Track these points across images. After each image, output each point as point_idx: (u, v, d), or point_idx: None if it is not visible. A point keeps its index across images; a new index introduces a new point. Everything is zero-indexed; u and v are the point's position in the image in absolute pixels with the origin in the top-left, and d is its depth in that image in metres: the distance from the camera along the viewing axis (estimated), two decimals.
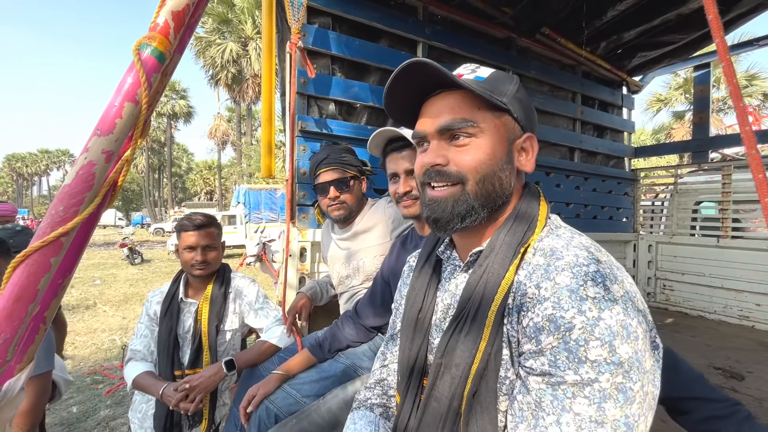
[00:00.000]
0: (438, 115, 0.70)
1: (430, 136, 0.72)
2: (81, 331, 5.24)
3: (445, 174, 0.70)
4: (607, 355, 0.51)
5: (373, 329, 1.43)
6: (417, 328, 0.80)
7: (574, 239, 0.64)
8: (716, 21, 0.85)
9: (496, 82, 0.71)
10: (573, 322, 0.53)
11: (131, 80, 0.83)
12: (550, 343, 0.54)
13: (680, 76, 24.12)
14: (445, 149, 0.70)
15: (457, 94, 0.70)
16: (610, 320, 0.52)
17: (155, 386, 1.48)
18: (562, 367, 0.53)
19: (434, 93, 0.73)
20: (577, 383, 0.52)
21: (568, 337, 0.53)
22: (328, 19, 2.18)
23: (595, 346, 0.51)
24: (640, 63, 3.59)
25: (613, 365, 0.51)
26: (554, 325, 0.54)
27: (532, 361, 0.57)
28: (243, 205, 14.85)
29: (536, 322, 0.56)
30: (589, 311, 0.53)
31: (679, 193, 3.68)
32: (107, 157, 0.79)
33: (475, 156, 0.68)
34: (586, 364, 0.52)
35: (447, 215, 0.70)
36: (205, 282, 1.69)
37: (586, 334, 0.52)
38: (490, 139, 0.69)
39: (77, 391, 3.52)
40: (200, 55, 23.46)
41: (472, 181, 0.68)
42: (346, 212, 1.63)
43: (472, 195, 0.68)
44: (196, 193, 47.40)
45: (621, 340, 0.52)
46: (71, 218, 0.74)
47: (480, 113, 0.69)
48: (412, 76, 0.69)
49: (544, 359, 0.55)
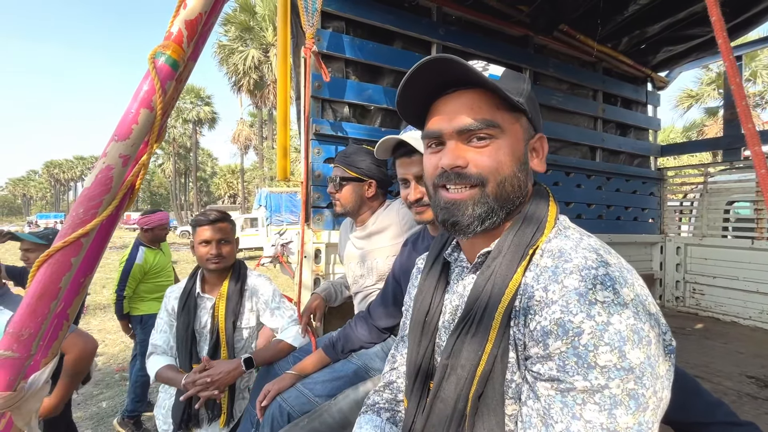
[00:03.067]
0: (456, 115, 0.67)
1: (446, 136, 0.69)
2: (111, 330, 5.46)
3: (464, 176, 0.67)
4: (617, 361, 0.49)
5: (385, 330, 1.43)
6: (424, 330, 0.80)
7: (582, 240, 0.63)
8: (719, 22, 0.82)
9: (511, 81, 0.69)
10: (582, 327, 0.51)
11: (147, 87, 0.87)
12: (559, 347, 0.53)
13: (713, 71, 23.06)
14: (464, 150, 0.68)
15: (474, 93, 0.67)
16: (620, 325, 0.51)
17: (177, 378, 1.53)
18: (571, 373, 0.52)
19: (448, 91, 0.70)
20: (587, 389, 0.51)
21: (577, 342, 0.51)
22: (342, 23, 2.21)
23: (605, 352, 0.50)
24: (666, 58, 3.46)
25: (623, 371, 0.50)
26: (562, 329, 0.53)
27: (539, 365, 0.56)
28: (265, 208, 15.14)
29: (544, 326, 0.55)
30: (598, 315, 0.51)
31: (709, 192, 3.51)
32: (124, 162, 0.83)
33: (496, 157, 0.66)
34: (595, 370, 0.50)
35: (467, 218, 0.67)
36: (220, 277, 1.73)
37: (596, 339, 0.50)
38: (509, 140, 0.67)
39: (107, 387, 3.67)
40: (224, 63, 24.15)
41: (492, 183, 0.66)
42: (340, 210, 1.69)
43: (492, 196, 0.67)
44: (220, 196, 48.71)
45: (632, 345, 0.50)
46: (90, 220, 0.78)
47: (499, 114, 0.67)
48: (430, 72, 0.67)
49: (552, 364, 0.54)
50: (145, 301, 3.03)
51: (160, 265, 3.09)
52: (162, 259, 3.13)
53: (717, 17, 0.82)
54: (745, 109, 0.79)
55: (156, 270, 3.05)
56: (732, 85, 0.81)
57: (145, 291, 3.03)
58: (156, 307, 2.99)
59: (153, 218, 3.06)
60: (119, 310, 2.94)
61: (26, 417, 0.76)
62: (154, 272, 3.04)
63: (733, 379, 2.02)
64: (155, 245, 3.11)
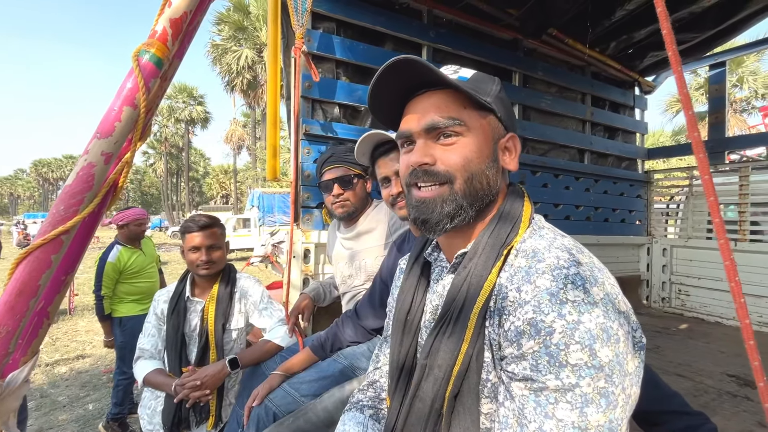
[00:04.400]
0: (424, 114, 0.69)
1: (416, 135, 0.71)
2: (99, 331, 5.37)
3: (432, 173, 0.69)
4: (587, 359, 0.51)
5: (372, 331, 1.44)
6: (406, 330, 0.80)
7: (556, 240, 0.64)
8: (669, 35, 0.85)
9: (480, 83, 0.71)
10: (553, 326, 0.52)
11: (130, 85, 0.87)
12: (532, 347, 0.54)
13: (701, 76, 23.45)
14: (431, 148, 0.69)
15: (442, 94, 0.69)
16: (590, 323, 0.52)
17: (167, 383, 1.53)
18: (544, 372, 0.53)
19: (419, 93, 0.72)
20: (558, 389, 0.51)
21: (549, 341, 0.52)
22: (332, 24, 2.21)
23: (576, 350, 0.51)
24: (653, 63, 3.52)
25: (593, 369, 0.51)
26: (535, 329, 0.54)
27: (513, 365, 0.57)
28: (257, 209, 15.06)
29: (517, 326, 0.56)
30: (569, 315, 0.52)
31: (694, 195, 3.58)
32: (107, 159, 0.83)
33: (463, 154, 0.68)
34: (566, 368, 0.51)
35: (436, 216, 0.69)
36: (211, 281, 1.73)
37: (567, 338, 0.51)
38: (476, 138, 0.69)
39: (93, 389, 3.62)
40: (217, 62, 24.00)
41: (460, 179, 0.68)
42: (350, 210, 1.65)
43: (460, 194, 0.68)
44: (212, 196, 48.33)
45: (601, 344, 0.51)
46: (71, 217, 0.78)
47: (466, 112, 0.69)
48: (398, 74, 0.69)
49: (525, 363, 0.55)
50: (123, 302, 2.93)
51: (138, 264, 2.96)
52: (141, 259, 3.00)
53: (667, 30, 0.85)
54: (691, 119, 0.82)
55: (132, 270, 2.92)
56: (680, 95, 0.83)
57: (124, 292, 2.92)
58: (135, 309, 2.93)
59: (128, 213, 2.95)
60: (99, 310, 2.83)
61: (3, 416, 0.76)
62: (130, 272, 2.92)
63: (714, 378, 2.06)
64: (134, 244, 2.99)
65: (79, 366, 4.19)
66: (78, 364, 4.25)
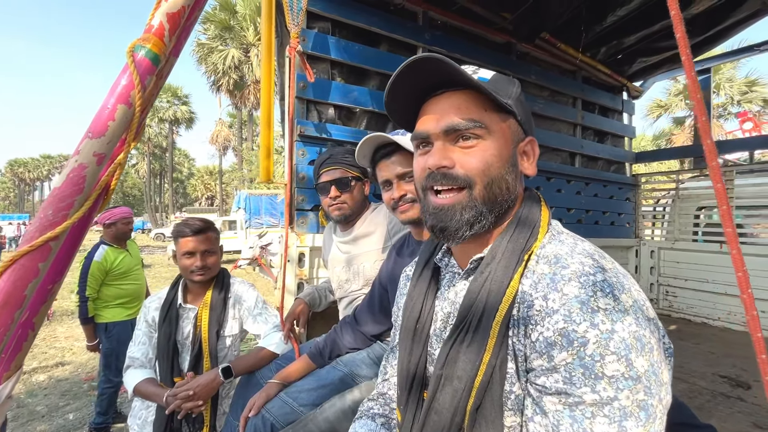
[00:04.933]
0: (443, 115, 0.67)
1: (434, 137, 0.68)
2: (80, 337, 5.20)
3: (451, 177, 0.66)
4: (624, 370, 0.49)
5: (372, 337, 1.40)
6: (415, 339, 0.77)
7: (577, 246, 0.62)
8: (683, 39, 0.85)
9: (500, 84, 0.69)
10: (587, 336, 0.50)
11: (125, 82, 0.82)
12: (564, 359, 0.52)
13: (680, 82, 24.16)
14: (450, 151, 0.67)
15: (462, 94, 0.67)
16: (624, 332, 0.50)
17: (158, 394, 1.47)
18: (578, 385, 0.50)
19: (437, 92, 0.69)
20: (596, 402, 0.49)
21: (583, 352, 0.50)
22: (327, 23, 2.18)
23: (612, 361, 0.49)
24: (641, 68, 3.59)
25: (631, 380, 0.49)
26: (567, 339, 0.51)
27: (544, 378, 0.54)
28: (244, 211, 14.85)
29: (547, 337, 0.54)
30: (602, 324, 0.50)
31: (680, 198, 3.65)
32: (99, 160, 0.78)
33: (483, 158, 0.65)
34: (603, 381, 0.49)
35: (455, 223, 0.66)
36: (204, 287, 1.68)
37: (602, 348, 0.49)
38: (497, 141, 0.66)
39: (74, 397, 3.48)
40: (202, 62, 23.64)
41: (480, 184, 0.65)
42: (347, 213, 1.61)
43: (480, 200, 0.65)
44: (197, 198, 47.47)
45: (636, 353, 0.50)
46: (60, 222, 0.73)
47: (487, 114, 0.66)
48: (419, 73, 0.66)
49: (558, 376, 0.52)
50: (109, 307, 2.81)
51: (125, 265, 2.87)
52: (127, 260, 2.91)
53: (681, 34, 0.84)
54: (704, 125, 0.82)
55: (119, 270, 2.83)
56: (693, 100, 0.83)
57: (109, 295, 2.80)
58: (122, 314, 2.82)
59: (115, 212, 2.87)
60: (83, 313, 2.70)
61: None
62: (117, 273, 2.82)
63: (707, 379, 2.09)
64: (120, 244, 2.91)
65: (59, 374, 4.03)
66: (57, 371, 4.09)
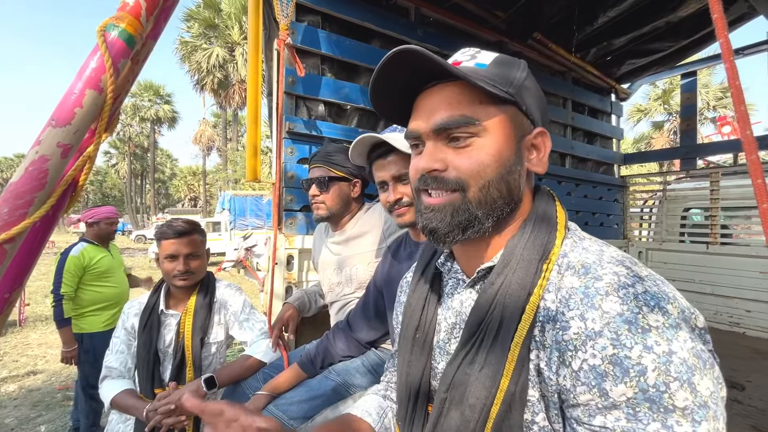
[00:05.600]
0: (433, 113, 0.60)
1: (425, 137, 0.61)
2: (54, 344, 4.97)
3: (442, 180, 0.60)
4: (693, 398, 0.42)
5: (367, 344, 1.33)
6: (415, 349, 0.71)
7: (604, 252, 0.55)
8: (721, 20, 0.80)
9: (502, 69, 0.61)
10: (643, 363, 0.43)
11: (95, 65, 0.73)
12: (624, 393, 0.44)
13: (659, 88, 24.90)
14: (442, 152, 0.60)
15: (454, 86, 0.60)
16: (683, 352, 0.44)
17: (137, 407, 1.37)
18: (646, 421, 0.43)
19: (429, 85, 0.62)
20: None
21: (644, 383, 0.43)
22: (317, 17, 2.10)
23: (677, 389, 0.42)
24: (629, 70, 3.62)
25: (703, 408, 0.42)
26: (620, 368, 0.44)
27: (602, 417, 0.46)
28: (228, 212, 14.56)
29: (594, 365, 0.46)
30: (657, 345, 0.44)
31: (667, 199, 3.69)
32: (64, 152, 0.69)
33: (478, 159, 0.58)
34: (675, 414, 0.42)
35: (446, 225, 0.60)
36: (188, 293, 1.58)
37: (663, 375, 0.43)
38: (494, 138, 0.59)
39: (46, 408, 3.30)
40: (186, 60, 23.18)
41: (474, 187, 0.58)
42: (325, 213, 1.55)
43: (474, 203, 0.59)
44: (179, 199, 46.46)
45: (700, 374, 0.43)
46: (17, 222, 0.63)
47: (482, 108, 0.58)
48: (401, 67, 0.59)
49: (619, 413, 0.45)
50: (85, 315, 2.61)
51: (104, 265, 2.70)
52: (107, 260, 2.74)
53: (719, 15, 0.79)
54: (743, 114, 0.77)
55: (97, 269, 2.65)
56: (732, 88, 0.78)
57: (86, 300, 2.60)
58: (98, 324, 2.64)
59: (99, 211, 2.74)
60: (59, 314, 2.48)
61: None
62: (95, 272, 2.63)
63: None
64: (102, 244, 2.77)
65: (30, 383, 3.82)
66: (29, 381, 3.88)
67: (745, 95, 0.72)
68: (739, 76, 0.76)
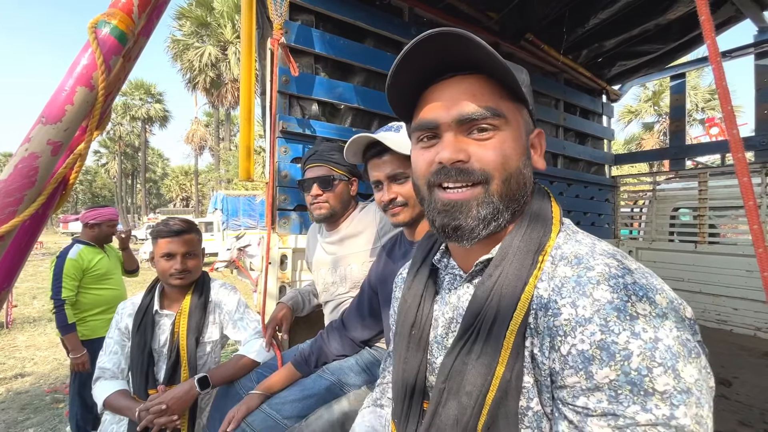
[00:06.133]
0: (456, 102, 0.59)
1: (444, 127, 0.60)
2: (42, 346, 4.89)
3: (466, 172, 0.59)
4: (674, 383, 0.44)
5: (361, 343, 1.33)
6: (410, 346, 0.71)
7: (596, 245, 0.57)
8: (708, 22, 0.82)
9: (514, 71, 0.62)
10: (629, 348, 0.45)
11: (86, 62, 0.72)
12: (607, 375, 0.46)
13: (649, 89, 25.24)
14: (465, 143, 0.60)
15: (475, 79, 0.60)
16: (668, 339, 0.45)
17: (130, 408, 1.36)
18: (626, 403, 0.44)
19: (444, 77, 0.62)
20: (650, 423, 0.43)
21: (628, 366, 0.45)
22: (311, 16, 2.10)
23: (660, 374, 0.44)
24: (619, 72, 3.67)
25: (684, 394, 0.44)
26: (607, 353, 0.46)
27: (584, 398, 0.48)
28: (221, 212, 14.46)
29: (582, 350, 0.48)
30: (644, 332, 0.45)
31: (657, 199, 3.75)
32: (54, 149, 0.68)
33: (501, 151, 0.59)
34: (654, 397, 0.44)
35: (472, 221, 0.59)
36: (182, 292, 1.58)
37: (647, 360, 0.44)
38: (513, 133, 0.60)
39: (35, 411, 3.25)
40: (177, 58, 22.96)
41: (498, 179, 0.59)
42: (328, 212, 1.54)
43: (497, 195, 0.59)
44: (171, 199, 45.97)
45: (684, 362, 0.45)
46: (6, 220, 0.63)
47: (503, 103, 0.60)
48: (431, 52, 0.58)
49: (601, 395, 0.46)
50: (85, 320, 2.54)
51: (103, 267, 2.64)
52: (105, 262, 2.68)
53: (706, 17, 0.80)
54: (730, 114, 0.79)
55: (96, 272, 2.58)
56: (719, 88, 0.80)
57: (86, 303, 2.53)
58: (101, 329, 2.54)
59: (102, 212, 2.64)
60: (62, 320, 2.36)
61: None
62: (95, 275, 2.57)
63: None
64: (98, 245, 2.69)
65: (18, 386, 3.75)
66: (16, 383, 3.81)
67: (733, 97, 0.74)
68: (725, 78, 0.78)
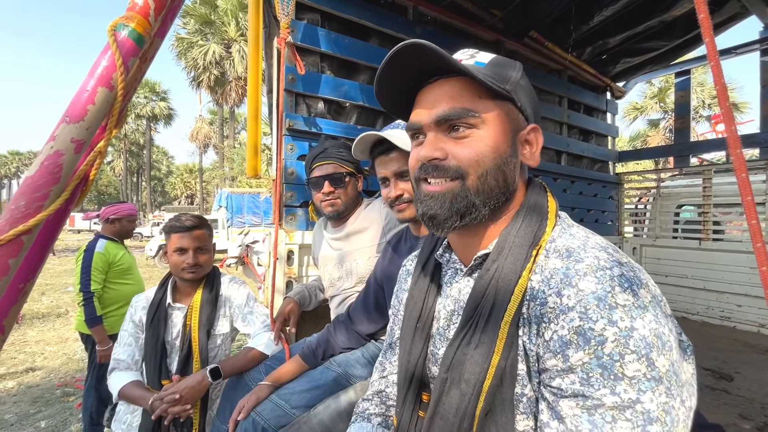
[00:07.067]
0: (435, 105, 0.64)
1: (426, 128, 0.66)
2: (52, 341, 4.98)
3: (443, 168, 0.64)
4: (645, 370, 0.46)
5: (367, 336, 1.37)
6: (416, 337, 0.75)
7: (589, 239, 0.60)
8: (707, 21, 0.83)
9: (499, 68, 0.66)
10: (604, 335, 0.47)
11: (106, 63, 0.76)
12: (581, 359, 0.49)
13: (655, 86, 25.00)
14: (443, 142, 0.64)
15: (456, 81, 0.64)
16: (644, 330, 0.48)
17: (144, 398, 1.41)
18: (597, 386, 0.47)
19: (430, 80, 0.66)
20: (616, 405, 0.46)
21: (601, 351, 0.47)
22: (317, 15, 2.12)
23: (632, 360, 0.46)
24: (624, 69, 3.66)
25: (653, 381, 0.46)
26: (583, 338, 0.49)
27: (559, 380, 0.51)
28: (225, 209, 14.54)
29: (561, 335, 0.51)
30: (620, 321, 0.48)
31: (661, 196, 3.74)
32: (77, 147, 0.71)
33: (477, 149, 0.62)
34: (623, 382, 0.46)
35: (445, 212, 0.64)
36: (194, 286, 1.62)
37: (621, 347, 0.47)
38: (492, 131, 0.63)
39: (46, 404, 3.32)
40: (182, 57, 23.02)
41: (473, 175, 0.62)
42: (340, 209, 1.57)
43: (472, 191, 0.63)
44: (176, 196, 46.25)
45: (657, 352, 0.47)
46: (34, 214, 0.66)
47: (482, 102, 0.63)
48: (407, 61, 0.63)
49: (574, 377, 0.49)
50: (107, 316, 2.55)
51: (126, 262, 2.69)
52: (128, 257, 2.73)
53: (705, 15, 0.82)
54: (728, 111, 0.81)
55: (120, 267, 2.63)
56: (717, 86, 0.82)
57: (108, 299, 2.56)
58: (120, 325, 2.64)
59: (122, 208, 2.69)
60: (90, 312, 2.38)
61: None
62: (119, 270, 2.61)
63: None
64: (120, 240, 2.74)
65: (29, 380, 3.83)
66: (27, 377, 3.89)
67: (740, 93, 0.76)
68: (724, 75, 0.80)
